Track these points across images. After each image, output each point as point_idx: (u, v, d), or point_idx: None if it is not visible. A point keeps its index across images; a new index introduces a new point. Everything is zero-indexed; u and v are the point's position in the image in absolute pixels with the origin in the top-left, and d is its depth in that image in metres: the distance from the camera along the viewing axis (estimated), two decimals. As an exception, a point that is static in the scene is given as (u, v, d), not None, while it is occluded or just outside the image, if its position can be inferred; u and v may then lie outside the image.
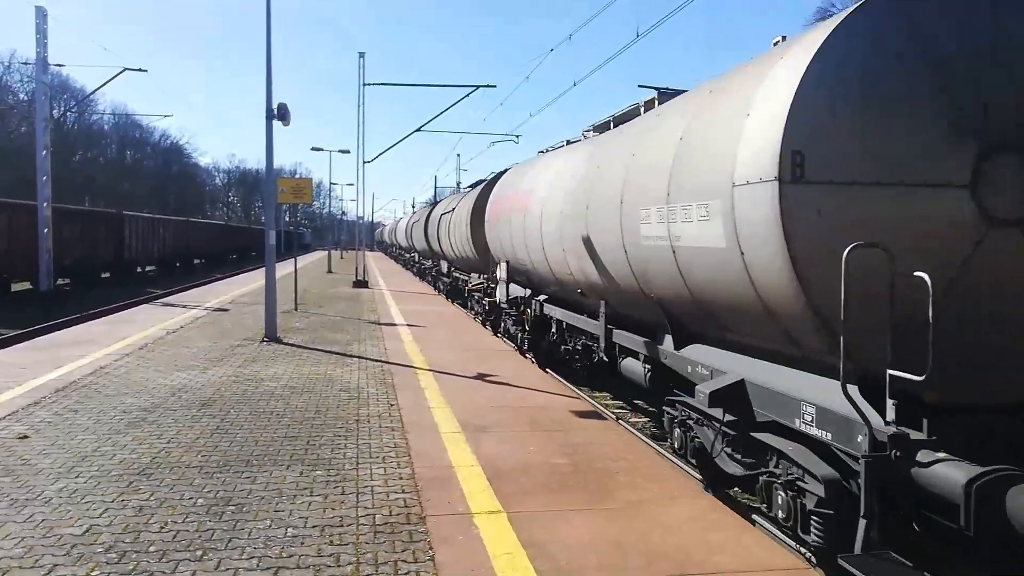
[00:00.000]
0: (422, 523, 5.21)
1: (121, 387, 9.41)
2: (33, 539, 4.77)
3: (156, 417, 7.94)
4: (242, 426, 7.68)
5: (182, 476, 6.06)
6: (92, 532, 4.90)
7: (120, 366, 10.90)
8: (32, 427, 7.45)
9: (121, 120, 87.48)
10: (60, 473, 6.06)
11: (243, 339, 14.00)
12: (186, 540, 4.80)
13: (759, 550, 4.92)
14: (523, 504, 5.62)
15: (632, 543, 4.95)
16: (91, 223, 33.04)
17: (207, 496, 5.62)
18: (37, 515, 5.17)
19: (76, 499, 5.49)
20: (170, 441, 7.06)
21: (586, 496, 5.86)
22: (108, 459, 6.46)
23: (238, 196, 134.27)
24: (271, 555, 4.62)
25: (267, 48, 14.03)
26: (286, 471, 6.26)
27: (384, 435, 7.49)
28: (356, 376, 10.62)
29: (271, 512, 5.33)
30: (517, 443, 7.32)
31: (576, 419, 8.44)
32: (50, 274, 25.86)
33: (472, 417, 8.31)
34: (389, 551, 4.73)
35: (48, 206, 25.71)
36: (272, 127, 14.11)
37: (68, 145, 76.02)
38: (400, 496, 5.73)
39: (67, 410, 8.17)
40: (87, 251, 31.69)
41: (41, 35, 25.27)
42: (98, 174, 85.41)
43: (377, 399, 9.13)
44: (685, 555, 4.79)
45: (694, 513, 5.55)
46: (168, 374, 10.36)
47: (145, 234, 40.79)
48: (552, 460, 6.78)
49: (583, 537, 5.02)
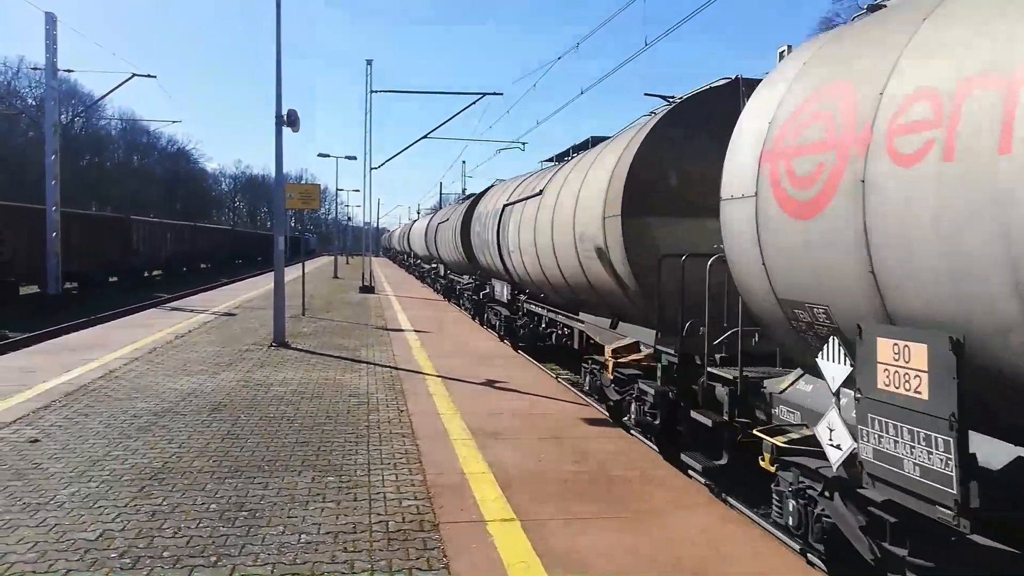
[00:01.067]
0: (436, 530, 5.18)
1: (131, 391, 9.41)
2: (46, 544, 4.76)
3: (167, 421, 7.94)
4: (253, 431, 7.67)
5: (194, 481, 6.05)
6: (105, 537, 4.89)
7: (130, 370, 10.91)
8: (43, 431, 7.45)
9: (129, 125, 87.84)
10: (72, 477, 6.06)
11: (252, 344, 14.01)
12: (200, 546, 4.79)
13: (774, 560, 4.88)
14: (537, 512, 5.60)
15: (647, 553, 4.92)
16: (99, 227, 33.12)
17: (220, 501, 5.60)
18: (50, 519, 5.16)
19: (89, 503, 5.48)
20: (181, 446, 7.05)
21: (599, 505, 5.83)
22: (120, 463, 6.45)
23: (244, 201, 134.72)
24: (285, 561, 4.61)
25: (277, 55, 14.07)
26: (298, 477, 6.25)
27: (395, 441, 7.47)
28: (365, 381, 10.60)
29: (284, 518, 5.31)
30: (528, 450, 7.29)
31: (587, 427, 8.41)
32: (58, 278, 25.92)
33: (482, 423, 8.29)
34: (403, 558, 4.71)
35: (56, 210, 25.79)
36: (282, 133, 14.15)
37: (76, 150, 76.34)
38: (413, 503, 5.71)
39: (78, 414, 8.17)
40: (95, 255, 31.74)
41: (51, 40, 25.36)
42: (105, 179, 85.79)
43: (387, 405, 9.12)
44: (700, 565, 4.76)
45: (708, 523, 5.52)
46: (178, 378, 10.36)
47: (152, 238, 40.89)
48: (564, 468, 6.76)
49: (598, 546, 4.99)
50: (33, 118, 56.15)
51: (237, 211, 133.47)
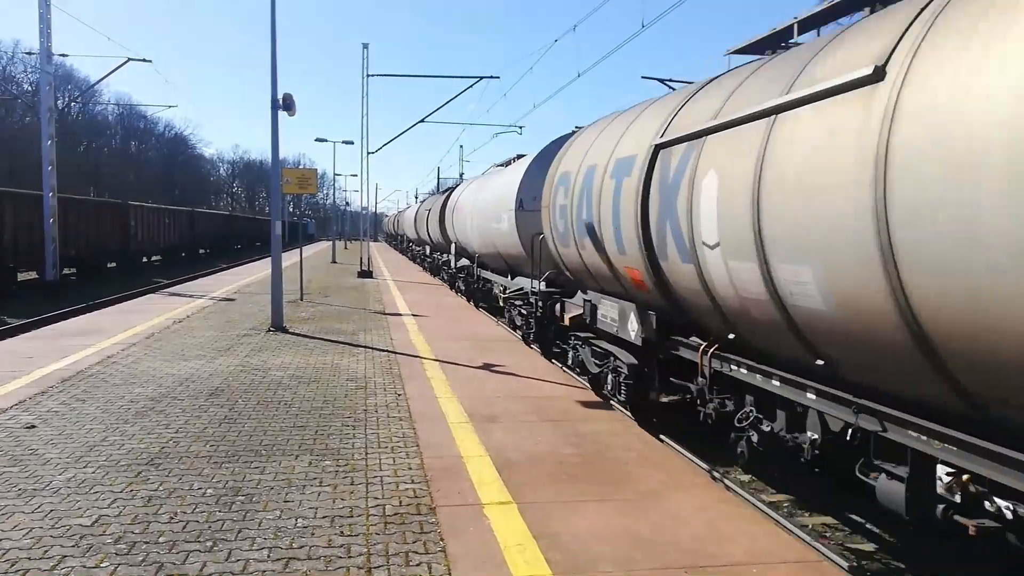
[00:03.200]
0: (432, 514, 5.18)
1: (128, 376, 9.40)
2: (42, 530, 4.75)
3: (164, 407, 7.93)
4: (250, 416, 7.67)
5: (191, 466, 6.05)
6: (101, 523, 4.88)
7: (127, 355, 10.89)
8: (39, 416, 7.44)
9: (125, 110, 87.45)
10: (68, 463, 6.05)
11: (249, 328, 13.99)
12: (196, 531, 4.78)
13: (769, 541, 4.88)
14: (533, 495, 5.60)
15: (644, 534, 4.92)
16: (96, 213, 33.01)
17: (216, 486, 5.60)
18: (45, 505, 5.15)
19: (84, 489, 5.47)
20: (178, 431, 7.05)
21: (596, 487, 5.83)
22: (116, 449, 6.45)
23: (242, 186, 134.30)
24: (282, 546, 4.60)
25: (272, 39, 13.94)
26: (295, 461, 6.24)
27: (392, 425, 7.47)
28: (363, 366, 10.59)
29: (281, 502, 5.31)
30: (525, 433, 7.29)
31: (583, 409, 8.41)
32: (56, 264, 25.88)
33: (479, 407, 8.28)
34: (400, 542, 4.71)
35: (54, 196, 25.69)
36: (277, 117, 14.05)
37: (72, 135, 75.98)
38: (410, 486, 5.71)
39: (74, 399, 8.16)
40: (93, 241, 31.69)
41: (45, 25, 25.15)
42: (103, 164, 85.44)
43: (384, 389, 9.11)
44: (697, 546, 4.76)
45: (704, 503, 5.52)
46: (175, 364, 10.35)
47: (150, 224, 40.78)
48: (560, 450, 6.75)
49: (595, 528, 4.99)
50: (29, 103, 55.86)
51: (235, 196, 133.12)
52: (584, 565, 4.45)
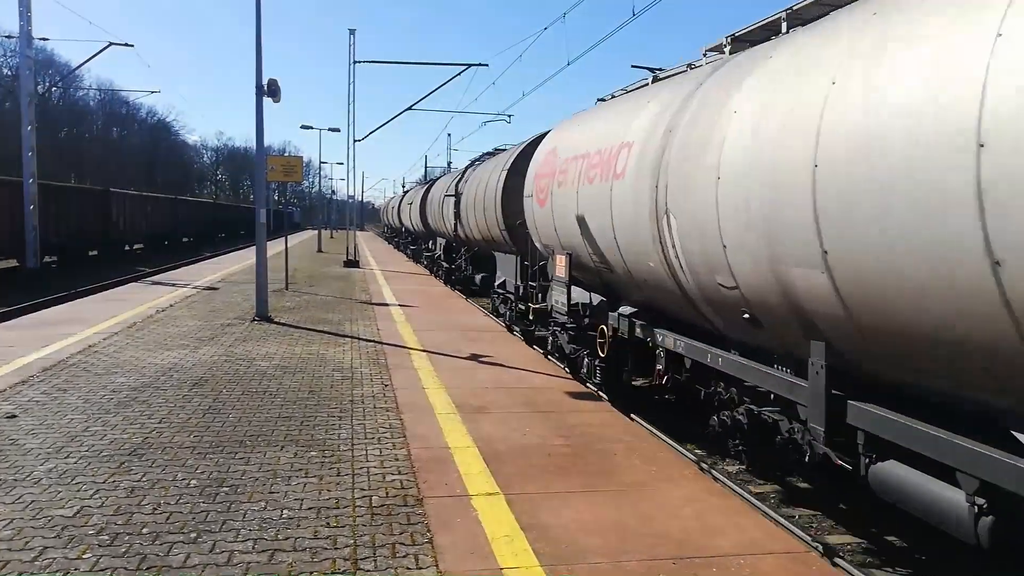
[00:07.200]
0: (419, 505, 5.14)
1: (111, 366, 9.28)
2: (23, 521, 4.67)
3: (147, 397, 7.83)
4: (235, 406, 7.59)
5: (174, 457, 5.97)
6: (83, 514, 4.81)
7: (109, 345, 10.76)
8: (20, 406, 7.33)
9: (107, 96, 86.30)
10: (49, 453, 5.96)
11: (234, 318, 13.87)
12: (180, 522, 4.72)
13: (757, 533, 4.89)
14: (521, 486, 5.57)
15: (632, 526, 4.91)
16: (78, 200, 32.55)
17: (200, 477, 5.53)
18: (26, 496, 5.07)
19: (66, 480, 5.39)
20: (161, 421, 6.96)
21: (584, 478, 5.81)
22: (98, 439, 6.36)
23: (226, 174, 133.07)
24: (267, 537, 4.55)
25: (257, 23, 13.76)
26: (280, 452, 6.18)
27: (379, 415, 7.42)
28: (349, 356, 10.52)
29: (266, 493, 5.25)
30: (513, 424, 7.26)
31: (572, 400, 8.39)
32: (36, 252, 25.52)
33: (467, 398, 8.24)
34: (387, 533, 4.67)
35: (34, 182, 25.30)
36: (262, 103, 13.89)
37: (53, 121, 74.90)
38: (397, 477, 5.66)
39: (56, 389, 8.04)
40: (74, 228, 31.25)
41: (24, 8, 24.70)
42: (84, 151, 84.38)
43: (371, 379, 9.05)
44: (685, 537, 4.75)
45: (692, 495, 5.52)
46: (158, 353, 10.23)
47: (133, 211, 40.27)
48: (549, 442, 6.73)
49: (583, 519, 4.98)
50: (9, 88, 55.02)
51: (219, 184, 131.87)
52: (572, 557, 4.43)
